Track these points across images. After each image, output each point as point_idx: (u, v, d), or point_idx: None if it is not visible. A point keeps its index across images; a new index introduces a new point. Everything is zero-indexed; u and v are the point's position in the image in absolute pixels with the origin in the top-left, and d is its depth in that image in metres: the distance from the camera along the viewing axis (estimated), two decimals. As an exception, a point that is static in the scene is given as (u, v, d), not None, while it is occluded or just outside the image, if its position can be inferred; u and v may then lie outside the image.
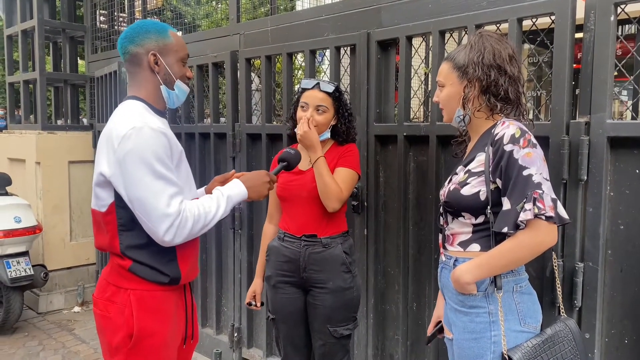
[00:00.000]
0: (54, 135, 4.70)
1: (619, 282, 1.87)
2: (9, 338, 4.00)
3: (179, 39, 1.69)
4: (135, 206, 1.51)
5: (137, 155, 1.48)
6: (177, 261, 1.64)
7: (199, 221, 1.56)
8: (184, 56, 1.69)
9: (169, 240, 1.51)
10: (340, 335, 2.14)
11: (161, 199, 1.48)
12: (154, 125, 1.52)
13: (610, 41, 1.80)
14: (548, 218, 1.40)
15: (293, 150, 1.98)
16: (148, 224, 1.51)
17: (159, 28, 1.65)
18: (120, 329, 1.57)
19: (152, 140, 1.50)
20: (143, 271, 1.59)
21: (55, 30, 5.13)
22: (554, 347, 1.51)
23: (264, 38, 3.18)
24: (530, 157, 1.43)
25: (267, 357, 3.16)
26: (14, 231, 3.99)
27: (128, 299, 1.58)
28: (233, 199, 1.67)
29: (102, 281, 1.67)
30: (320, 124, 2.11)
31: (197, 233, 1.58)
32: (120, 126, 1.52)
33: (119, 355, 1.59)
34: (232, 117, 3.28)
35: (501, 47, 1.54)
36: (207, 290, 3.59)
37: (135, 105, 1.61)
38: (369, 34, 2.53)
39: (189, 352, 1.82)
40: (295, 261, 2.15)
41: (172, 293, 1.67)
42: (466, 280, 1.50)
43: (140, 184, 1.48)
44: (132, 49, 1.63)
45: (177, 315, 1.69)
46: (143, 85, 1.65)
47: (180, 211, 1.51)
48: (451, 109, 1.63)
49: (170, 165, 1.55)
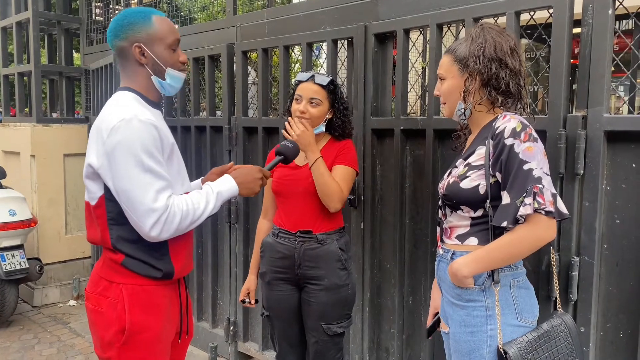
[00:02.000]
0: (49, 128, 4.67)
1: (615, 276, 1.87)
2: (4, 331, 3.99)
3: (165, 24, 1.60)
4: (122, 199, 1.48)
5: (125, 147, 1.44)
6: (170, 256, 1.61)
7: (187, 217, 1.52)
8: (172, 42, 1.61)
9: (155, 235, 1.48)
10: (333, 333, 2.12)
11: (148, 193, 1.45)
12: (143, 117, 1.48)
13: (608, 35, 1.79)
14: (548, 213, 1.40)
15: (291, 144, 1.94)
16: (134, 218, 1.48)
17: (142, 17, 1.57)
18: (113, 324, 1.55)
19: (141, 132, 1.46)
20: (136, 265, 1.56)
21: (50, 22, 5.09)
22: (549, 342, 1.51)
23: (260, 31, 3.16)
24: (531, 151, 1.43)
25: (263, 350, 3.16)
26: (9, 224, 3.97)
27: (120, 294, 1.56)
28: (223, 195, 1.64)
29: (94, 275, 1.64)
30: (314, 116, 2.07)
31: (186, 229, 1.55)
32: (110, 117, 1.49)
33: (112, 350, 1.56)
34: (228, 110, 3.27)
35: (502, 39, 1.53)
36: (202, 284, 3.59)
37: (127, 97, 1.57)
38: (366, 27, 2.51)
39: (184, 347, 1.80)
40: (290, 257, 2.12)
41: (166, 287, 1.64)
42: (463, 273, 1.50)
43: (127, 177, 1.45)
44: (117, 43, 1.58)
45: (171, 310, 1.67)
46: (133, 77, 1.61)
47: (167, 206, 1.48)
48: (452, 102, 1.62)
49: (160, 159, 1.51)
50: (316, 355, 2.16)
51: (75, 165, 4.73)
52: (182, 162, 1.69)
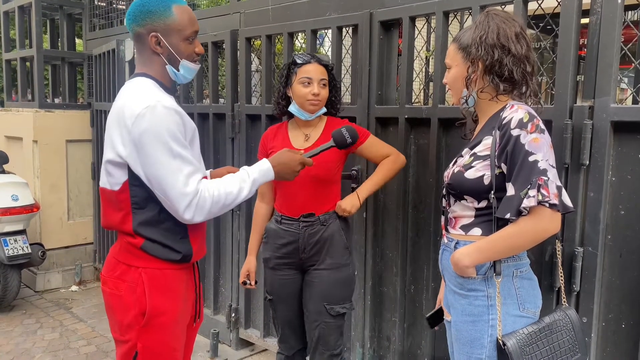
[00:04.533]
0: (51, 113, 4.66)
1: (618, 267, 1.87)
2: (7, 315, 4.02)
3: (186, 14, 1.60)
4: (154, 185, 1.51)
5: (153, 134, 1.46)
6: (189, 238, 1.64)
7: (218, 202, 1.55)
8: (190, 34, 1.61)
9: (189, 218, 1.51)
10: (336, 314, 2.14)
11: (179, 178, 1.48)
12: (166, 103, 1.50)
13: (617, 24, 1.77)
14: (552, 205, 1.38)
15: (349, 135, 1.92)
16: (168, 202, 1.51)
17: (162, 5, 1.56)
18: (132, 307, 1.57)
19: (167, 118, 1.48)
20: (155, 249, 1.58)
21: (53, 7, 5.06)
22: (550, 335, 1.51)
23: (264, 17, 3.14)
24: (538, 142, 1.41)
25: (265, 337, 3.18)
26: (11, 209, 3.98)
27: (140, 277, 1.58)
28: (258, 182, 1.65)
29: (110, 259, 1.66)
30: (324, 98, 2.11)
31: (217, 213, 1.57)
32: (133, 104, 1.49)
33: (131, 332, 1.59)
34: (231, 98, 3.25)
35: (507, 25, 1.50)
36: (204, 270, 3.59)
37: (146, 83, 1.58)
38: (371, 14, 2.49)
39: (195, 331, 1.84)
40: (295, 243, 2.14)
41: (182, 272, 1.67)
42: (465, 263, 1.50)
43: (157, 164, 1.47)
44: (135, 29, 1.58)
45: (187, 294, 1.69)
46: (149, 63, 1.62)
47: (198, 190, 1.50)
48: (458, 90, 1.61)
49: (185, 143, 1.53)
50: (319, 339, 2.17)
51: (78, 151, 4.73)
52: (199, 148, 1.71)
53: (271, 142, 2.21)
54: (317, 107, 2.10)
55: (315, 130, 2.17)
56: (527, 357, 1.45)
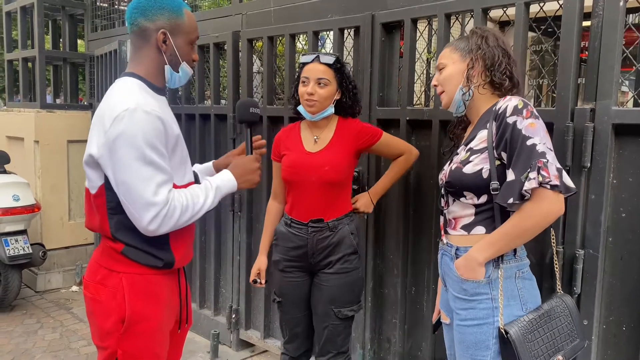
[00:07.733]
0: (52, 114, 4.67)
1: (619, 270, 1.87)
2: (8, 315, 4.02)
3: (193, 19, 1.60)
4: (120, 191, 1.44)
5: (127, 138, 1.40)
6: (170, 245, 1.59)
7: (186, 211, 1.49)
8: (194, 38, 1.60)
9: (152, 229, 1.45)
10: (344, 317, 2.13)
11: (149, 187, 1.42)
12: (148, 107, 1.43)
13: (618, 27, 1.78)
14: (553, 187, 1.38)
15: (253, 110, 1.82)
16: (132, 211, 1.44)
17: (175, 5, 1.55)
18: (112, 313, 1.52)
19: (145, 123, 1.41)
20: (136, 254, 1.53)
21: (55, 8, 5.06)
22: (550, 322, 1.52)
23: (266, 18, 3.14)
24: (534, 127, 1.43)
25: (265, 338, 3.18)
26: (13, 209, 3.98)
27: (120, 283, 1.53)
28: (222, 190, 1.61)
29: (92, 263, 1.61)
30: (322, 97, 2.04)
31: (185, 223, 1.51)
32: (114, 106, 1.44)
33: (110, 339, 1.54)
34: (233, 99, 3.26)
35: (501, 36, 1.59)
36: (205, 271, 3.60)
37: (131, 84, 1.52)
38: (373, 16, 2.50)
39: (183, 336, 1.79)
40: (304, 247, 2.13)
41: (166, 277, 1.62)
42: (479, 260, 1.49)
43: (128, 169, 1.41)
44: (141, 22, 1.52)
45: (171, 300, 1.65)
46: (145, 61, 1.56)
47: (168, 200, 1.45)
48: (452, 88, 1.62)
49: (163, 151, 1.46)
50: (326, 341, 2.16)
51: (79, 152, 4.73)
52: (186, 152, 1.65)
53: (284, 143, 2.19)
54: (313, 108, 2.05)
55: (324, 132, 2.13)
56: (529, 345, 1.45)
